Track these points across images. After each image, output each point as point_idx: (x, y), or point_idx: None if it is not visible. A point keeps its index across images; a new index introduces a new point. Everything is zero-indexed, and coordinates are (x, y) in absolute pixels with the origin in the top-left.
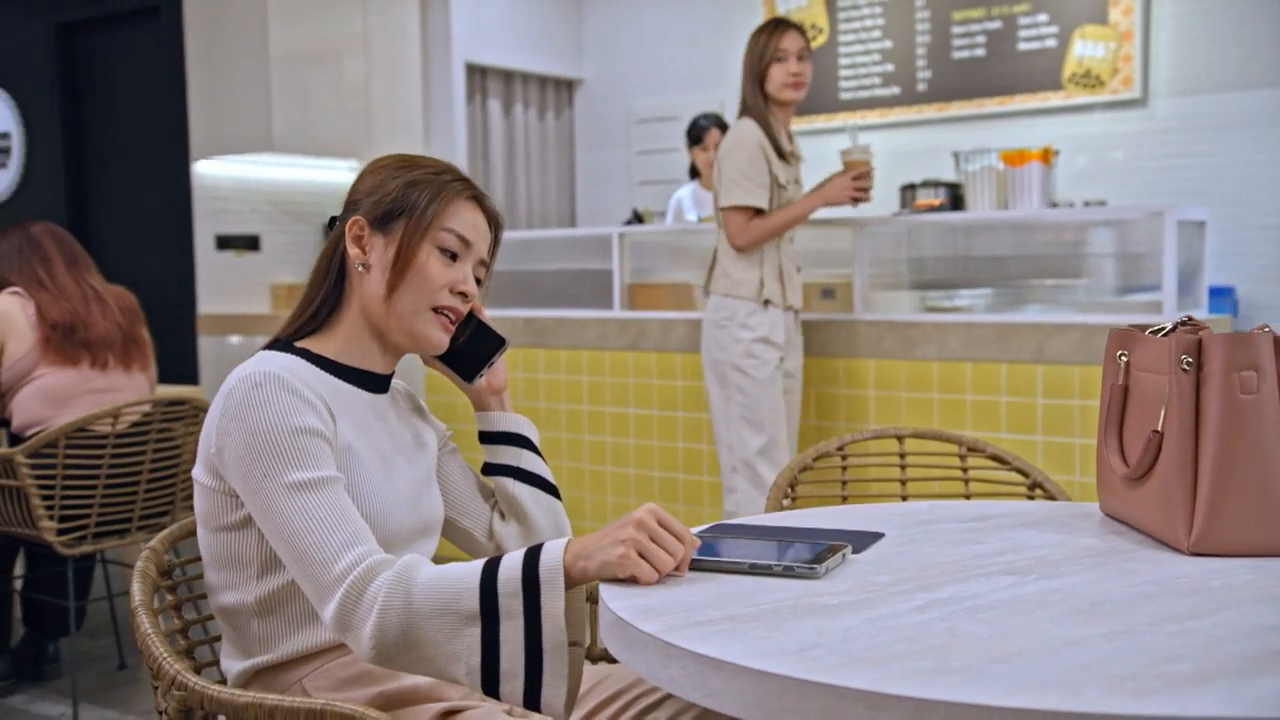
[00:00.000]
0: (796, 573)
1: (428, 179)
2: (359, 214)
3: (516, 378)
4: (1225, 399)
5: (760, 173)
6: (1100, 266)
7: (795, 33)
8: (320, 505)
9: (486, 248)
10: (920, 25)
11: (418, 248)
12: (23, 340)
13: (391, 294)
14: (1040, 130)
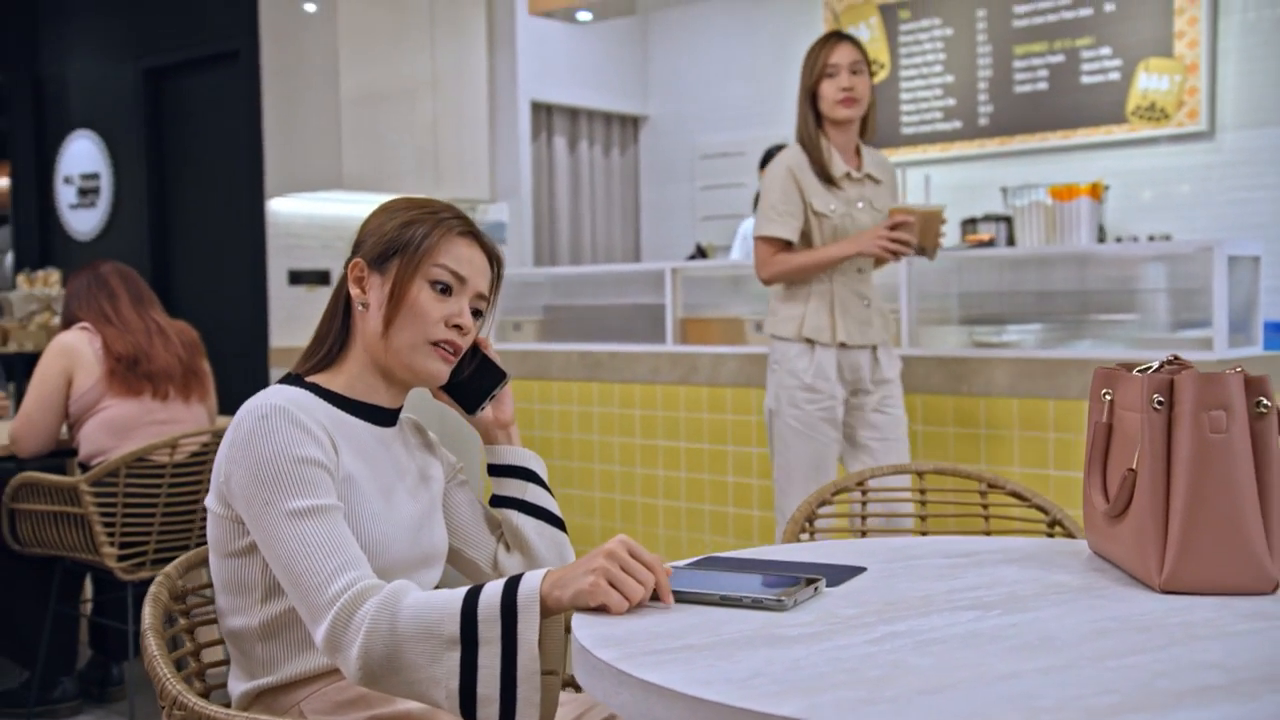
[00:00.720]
0: (764, 605)
1: (423, 218)
2: (359, 256)
3: (571, 410)
4: (1195, 438)
5: (790, 202)
6: (1151, 302)
7: (848, 45)
8: (318, 532)
9: (485, 283)
10: (982, 59)
11: (410, 283)
12: (89, 373)
13: (388, 329)
14: (1103, 164)
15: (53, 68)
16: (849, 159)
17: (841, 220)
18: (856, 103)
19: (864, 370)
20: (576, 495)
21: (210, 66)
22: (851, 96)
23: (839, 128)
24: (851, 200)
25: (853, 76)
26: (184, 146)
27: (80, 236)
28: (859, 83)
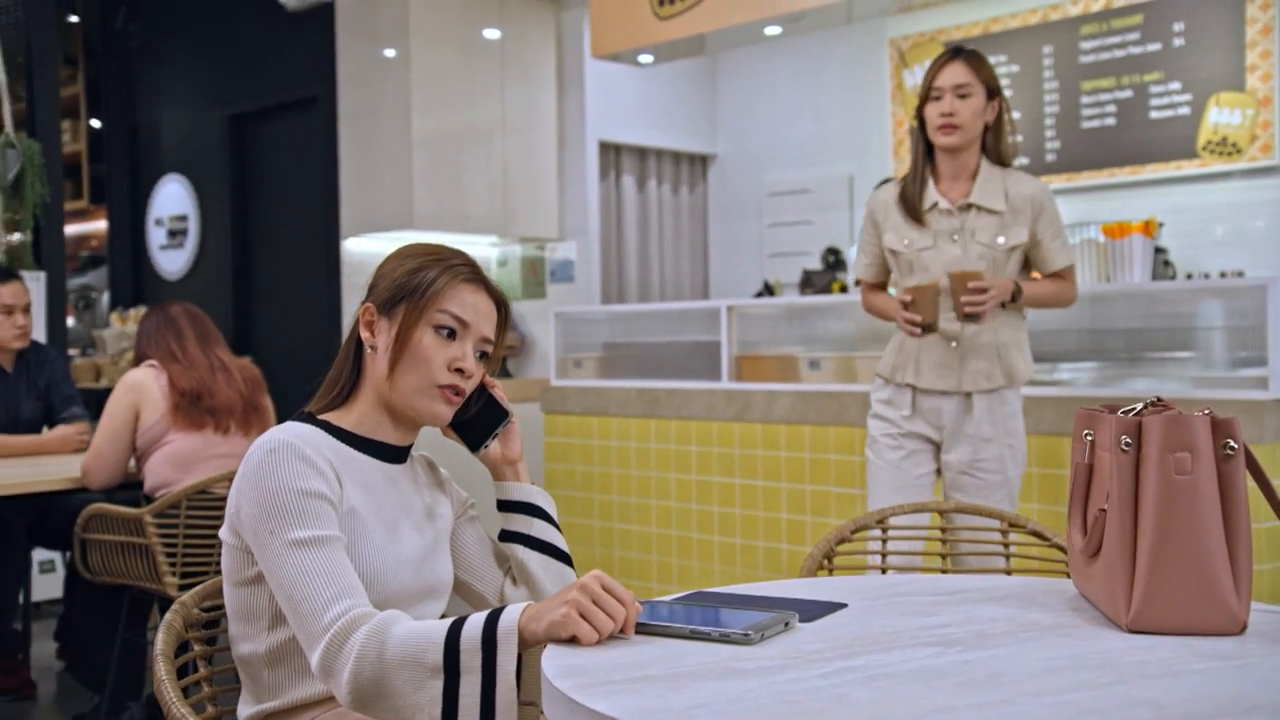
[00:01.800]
0: (731, 639)
1: (430, 264)
2: (370, 300)
3: (629, 446)
4: (1161, 479)
5: (867, 240)
6: (1207, 340)
7: (956, 66)
8: (317, 561)
9: (490, 327)
10: (1049, 96)
11: (415, 328)
12: (155, 409)
13: (393, 372)
14: (1174, 199)
15: (146, 115)
16: (955, 188)
17: (917, 256)
18: (957, 130)
19: (946, 418)
20: (634, 530)
21: (290, 112)
22: (951, 123)
23: (947, 154)
24: (941, 233)
25: (957, 101)
26: (266, 189)
27: (169, 276)
28: (963, 108)
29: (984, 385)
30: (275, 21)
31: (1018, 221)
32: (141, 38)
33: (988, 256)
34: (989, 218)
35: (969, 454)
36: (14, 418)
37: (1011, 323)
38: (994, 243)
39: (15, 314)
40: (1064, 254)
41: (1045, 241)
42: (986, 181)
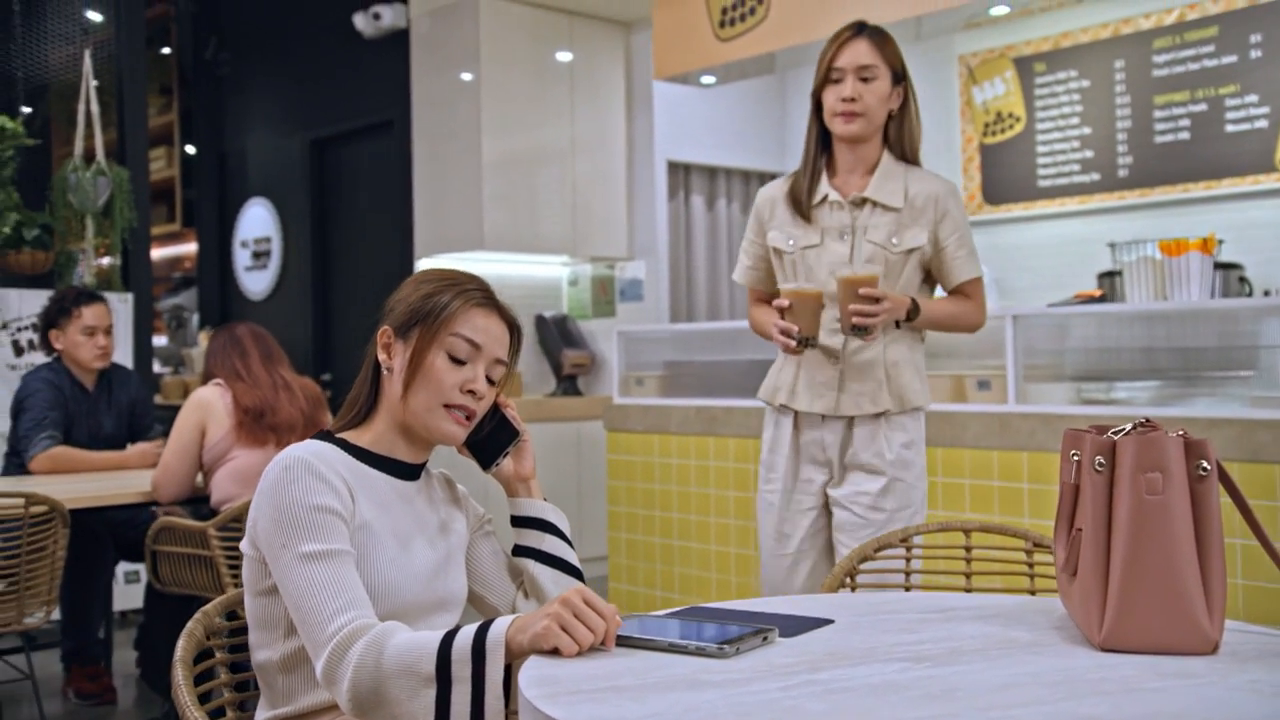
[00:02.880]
0: (707, 652)
1: (443, 289)
2: (387, 323)
3: (689, 465)
4: (1132, 500)
5: (751, 240)
6: (1268, 359)
7: (859, 44)
8: (325, 574)
9: (503, 350)
10: (1120, 110)
11: (428, 351)
12: (220, 425)
13: (407, 393)
14: (1250, 214)
15: (234, 141)
16: (850, 181)
17: (801, 256)
18: (859, 117)
19: (830, 449)
20: (694, 548)
21: (367, 136)
22: (852, 110)
23: (846, 145)
24: (829, 230)
25: (859, 84)
26: (344, 211)
27: (254, 296)
28: (866, 93)
29: (868, 409)
30: (353, 49)
31: (917, 222)
32: (230, 67)
33: (879, 258)
34: (884, 215)
35: (850, 488)
36: (96, 435)
37: (905, 340)
38: (888, 243)
39: (97, 335)
40: (970, 265)
41: (949, 249)
42: (886, 176)
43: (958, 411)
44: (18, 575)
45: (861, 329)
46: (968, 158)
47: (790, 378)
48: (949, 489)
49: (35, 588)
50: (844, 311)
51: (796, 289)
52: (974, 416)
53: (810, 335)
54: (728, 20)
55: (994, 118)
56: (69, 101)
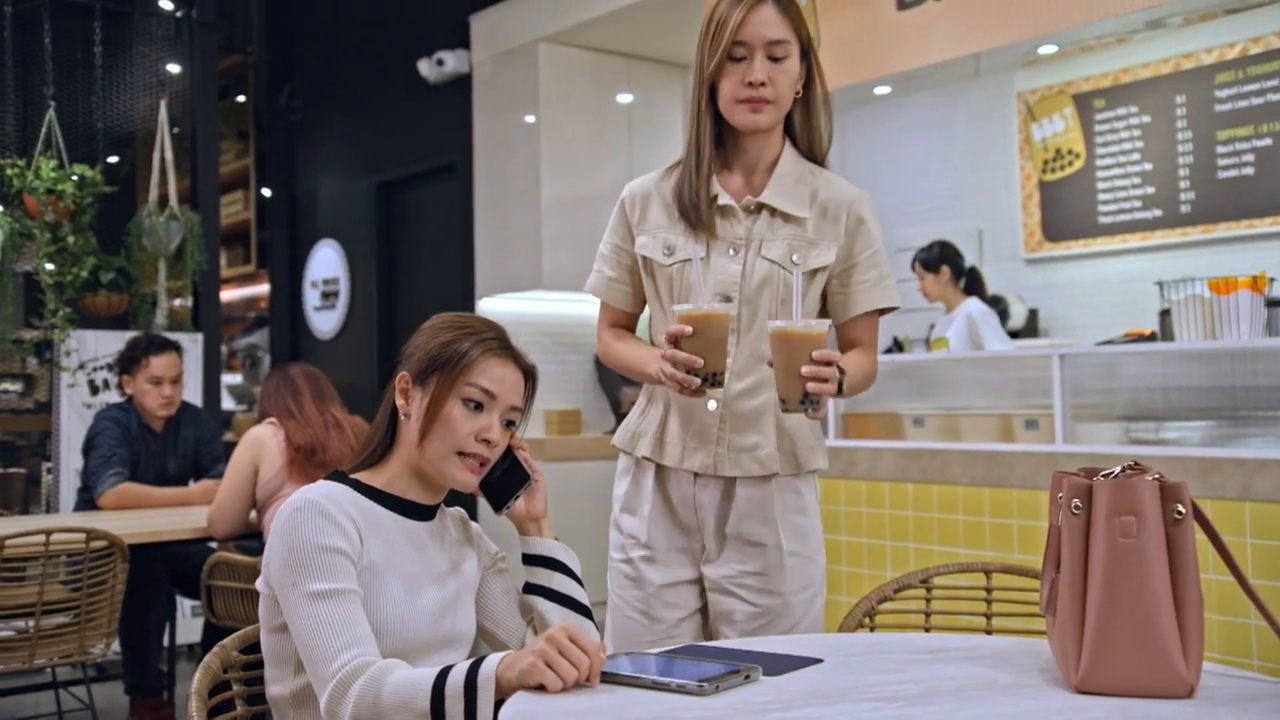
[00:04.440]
0: (688, 690)
1: (461, 338)
2: (405, 369)
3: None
4: (1107, 543)
5: (614, 245)
6: None
7: (769, 9)
8: (331, 612)
9: (518, 397)
10: (1182, 145)
11: (444, 400)
12: (273, 464)
13: (423, 440)
14: None
15: (305, 185)
16: (744, 182)
17: (679, 271)
18: (769, 106)
19: (706, 514)
20: None
21: (431, 179)
22: (761, 96)
23: (745, 138)
24: (718, 242)
25: (770, 65)
26: (408, 252)
27: (322, 336)
28: (779, 75)
29: (754, 471)
30: (418, 94)
31: (825, 235)
32: (302, 113)
33: (774, 280)
34: (786, 227)
35: (733, 567)
36: (161, 476)
37: None
38: (786, 261)
39: (163, 385)
40: (878, 292)
41: (858, 269)
42: (787, 178)
43: (1005, 451)
44: (79, 608)
45: (812, 401)
46: (1027, 194)
47: (656, 423)
48: (996, 529)
49: (96, 620)
50: (787, 376)
51: (699, 311)
52: (1021, 456)
53: (716, 371)
54: None
55: (1053, 154)
56: (151, 150)
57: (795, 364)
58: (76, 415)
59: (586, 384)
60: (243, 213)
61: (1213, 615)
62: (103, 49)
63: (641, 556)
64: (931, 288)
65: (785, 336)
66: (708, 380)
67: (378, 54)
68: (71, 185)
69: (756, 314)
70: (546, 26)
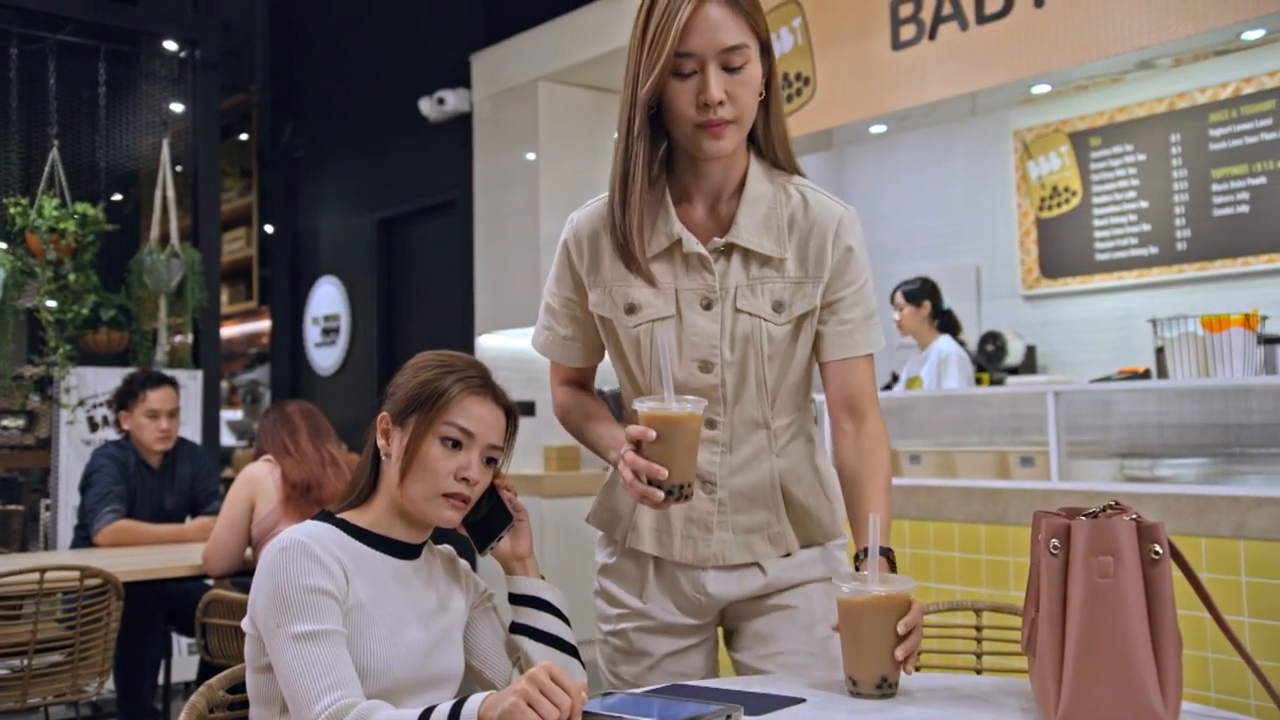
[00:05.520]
0: None
1: (440, 377)
2: (386, 409)
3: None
4: (1085, 583)
5: (561, 299)
6: None
7: (713, 6)
8: (315, 654)
9: (498, 435)
10: (1178, 184)
11: (423, 440)
12: (268, 500)
13: (403, 480)
14: None
15: (306, 222)
16: (707, 216)
17: (644, 334)
18: (730, 127)
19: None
20: None
21: (432, 216)
22: (723, 119)
23: (704, 163)
24: (687, 294)
25: (728, 77)
26: (409, 288)
27: (323, 372)
28: (740, 87)
29: (769, 553)
30: (419, 132)
31: (808, 273)
32: (304, 150)
33: (758, 335)
34: (763, 267)
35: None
36: (157, 512)
37: (798, 435)
38: (770, 314)
39: (160, 418)
40: (864, 334)
41: (842, 309)
42: (759, 204)
43: (1000, 488)
44: (72, 647)
45: (891, 684)
46: (1024, 231)
47: (631, 501)
48: (992, 566)
49: (90, 658)
50: (868, 655)
51: (665, 412)
52: (1017, 493)
53: (684, 483)
54: None
55: (1050, 192)
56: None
57: (879, 639)
58: (75, 452)
59: None
60: (245, 249)
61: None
62: (107, 89)
63: (637, 628)
64: (909, 321)
65: (855, 607)
66: (672, 493)
67: (379, 92)
68: (73, 223)
69: (745, 376)
70: (546, 66)
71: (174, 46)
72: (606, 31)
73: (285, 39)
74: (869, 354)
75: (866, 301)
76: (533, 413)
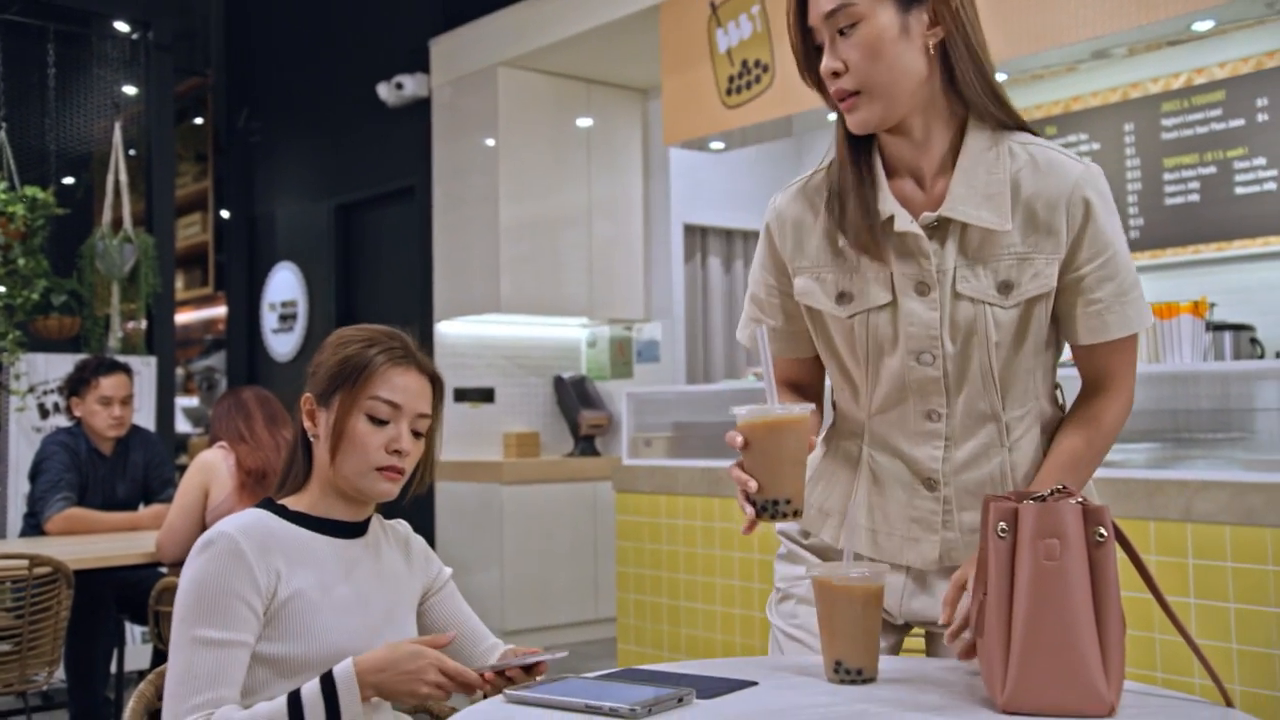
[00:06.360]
0: (618, 713)
1: (358, 353)
2: (309, 391)
3: (695, 525)
4: (1032, 565)
5: (766, 285)
6: (1259, 422)
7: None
8: (207, 663)
9: (425, 404)
10: (1131, 173)
11: (349, 418)
12: (223, 487)
13: (334, 459)
14: (1262, 275)
15: (263, 207)
16: (915, 188)
17: (864, 324)
18: (857, 98)
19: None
20: (699, 609)
21: (390, 201)
22: (840, 90)
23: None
24: (902, 279)
25: (841, 41)
26: (367, 274)
27: (280, 358)
28: (854, 51)
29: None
30: (377, 117)
31: (1041, 247)
32: (261, 135)
33: (982, 322)
34: (986, 244)
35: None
36: (110, 500)
37: (1034, 423)
38: (994, 296)
39: (113, 405)
40: (1121, 313)
41: (1087, 286)
42: (976, 170)
43: None
44: (21, 636)
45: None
46: None
47: (842, 497)
48: None
49: (39, 648)
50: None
51: (758, 418)
52: None
53: (778, 498)
54: (734, 88)
55: None
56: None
57: (849, 623)
58: (25, 439)
59: (545, 406)
60: (201, 235)
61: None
62: (56, 70)
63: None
64: None
65: (828, 590)
66: (765, 509)
67: (337, 77)
68: (22, 207)
69: (968, 366)
70: (506, 51)
71: (126, 28)
72: (566, 17)
73: (241, 22)
74: (1133, 334)
75: (1120, 274)
76: (492, 399)
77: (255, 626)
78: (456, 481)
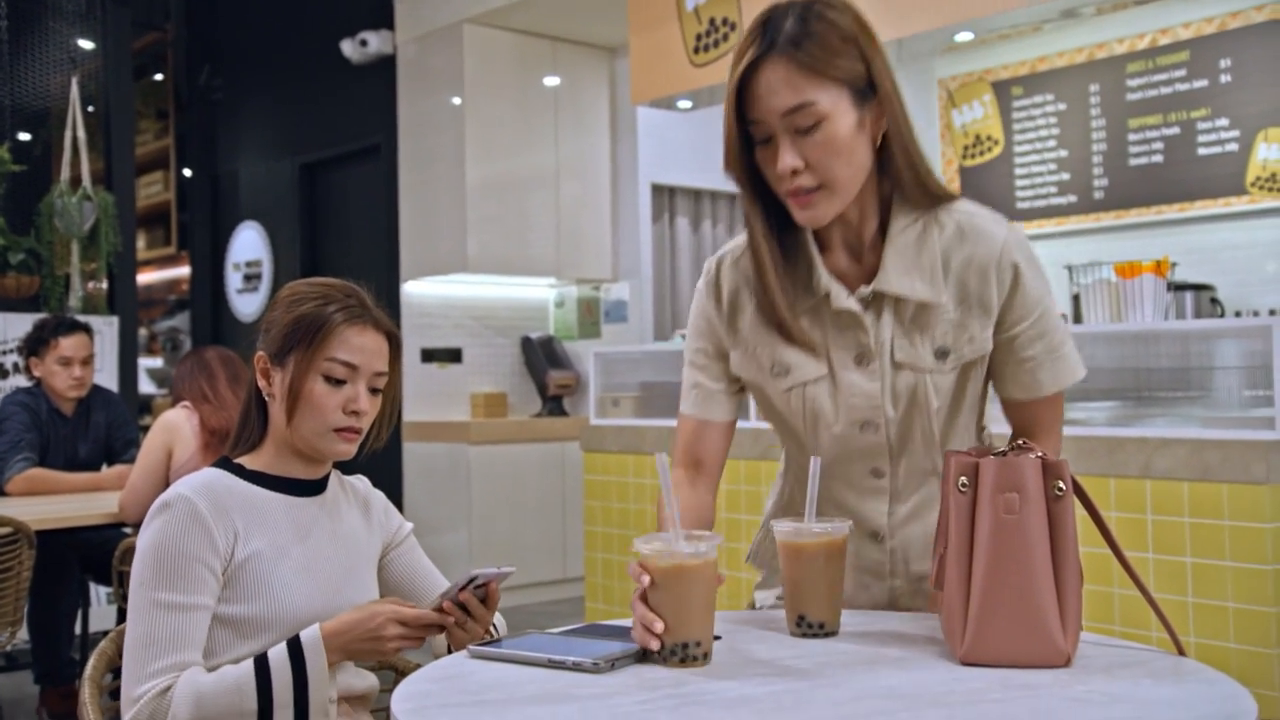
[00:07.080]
0: (582, 667)
1: (313, 311)
2: (262, 349)
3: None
4: (992, 519)
5: (703, 356)
6: (1220, 380)
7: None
8: (168, 628)
9: (382, 362)
10: (1096, 134)
11: (305, 378)
12: (186, 447)
13: (291, 420)
14: (1223, 235)
15: (226, 166)
16: (849, 262)
17: (800, 397)
18: (820, 193)
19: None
20: None
21: (355, 160)
22: (797, 187)
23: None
24: (840, 351)
25: (799, 140)
26: (333, 234)
27: (245, 318)
28: (818, 149)
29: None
30: (341, 74)
31: (973, 313)
32: (223, 93)
33: (922, 389)
34: (922, 315)
35: None
36: (71, 461)
37: (973, 419)
38: (932, 363)
39: (73, 365)
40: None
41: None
42: (907, 247)
43: None
44: None
45: None
46: (949, 180)
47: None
48: None
49: (1, 609)
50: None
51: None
52: None
53: (689, 640)
54: (701, 46)
55: (973, 140)
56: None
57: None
58: None
59: (512, 367)
60: (163, 194)
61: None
62: (9, 23)
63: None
64: None
65: (792, 549)
66: (675, 654)
67: (300, 33)
68: None
69: (911, 433)
70: (471, 8)
71: None
72: None
73: None
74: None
75: (1050, 332)
76: (459, 359)
77: (215, 588)
78: (424, 442)
